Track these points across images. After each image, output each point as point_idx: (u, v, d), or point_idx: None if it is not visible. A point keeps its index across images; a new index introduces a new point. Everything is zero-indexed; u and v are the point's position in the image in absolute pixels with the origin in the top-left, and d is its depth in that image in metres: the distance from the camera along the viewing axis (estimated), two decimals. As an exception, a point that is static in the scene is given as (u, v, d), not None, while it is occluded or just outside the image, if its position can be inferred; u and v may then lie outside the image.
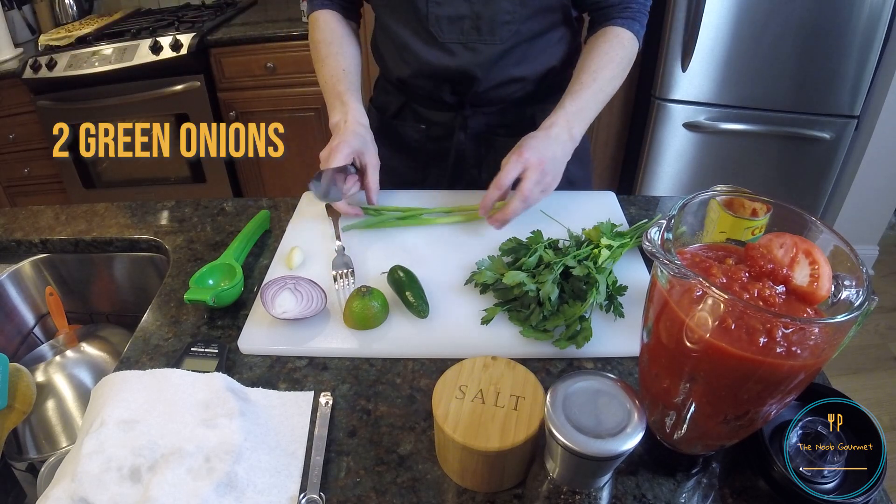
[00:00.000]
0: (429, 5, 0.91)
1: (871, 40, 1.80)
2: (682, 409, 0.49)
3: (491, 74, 0.96)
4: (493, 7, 0.90)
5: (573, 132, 0.89)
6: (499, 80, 0.97)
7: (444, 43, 0.94)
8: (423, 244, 0.89)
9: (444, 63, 0.95)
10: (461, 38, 0.93)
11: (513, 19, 0.91)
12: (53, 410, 0.84)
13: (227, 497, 0.54)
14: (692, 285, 0.43)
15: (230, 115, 2.24)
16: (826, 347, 0.42)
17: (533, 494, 0.52)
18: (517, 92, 1.01)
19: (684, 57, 1.93)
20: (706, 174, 2.16)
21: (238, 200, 1.06)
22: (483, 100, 1.01)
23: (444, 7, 0.91)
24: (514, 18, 0.91)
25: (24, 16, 2.45)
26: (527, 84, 1.00)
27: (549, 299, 0.71)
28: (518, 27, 0.92)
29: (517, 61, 0.96)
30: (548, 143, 0.86)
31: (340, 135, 0.91)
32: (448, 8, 0.91)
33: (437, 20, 0.92)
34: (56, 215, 1.04)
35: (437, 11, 0.91)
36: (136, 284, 1.02)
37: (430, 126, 1.07)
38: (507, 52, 0.94)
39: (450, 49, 0.94)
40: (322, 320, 0.76)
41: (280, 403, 0.66)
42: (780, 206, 0.52)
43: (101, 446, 0.56)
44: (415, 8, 0.92)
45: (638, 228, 0.85)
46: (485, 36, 0.92)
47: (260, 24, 2.22)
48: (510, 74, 0.97)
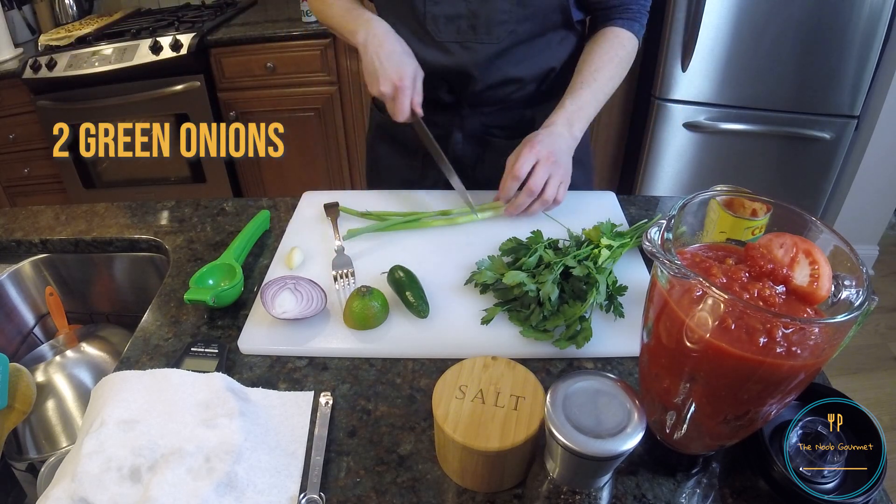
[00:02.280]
0: (426, 4, 0.91)
1: (871, 40, 1.80)
2: (682, 409, 0.49)
3: (488, 74, 0.96)
4: (490, 6, 0.90)
5: (573, 130, 0.91)
6: (496, 79, 0.97)
7: (440, 42, 0.94)
8: (423, 244, 0.89)
9: (441, 62, 0.95)
10: (458, 36, 0.93)
11: (509, 19, 0.91)
12: (53, 410, 0.84)
13: (227, 497, 0.54)
14: (692, 285, 0.43)
15: (230, 115, 2.24)
16: (826, 347, 0.42)
17: (533, 494, 0.52)
18: (515, 93, 1.01)
19: (684, 57, 1.93)
20: (706, 174, 2.16)
21: (238, 200, 1.06)
22: (480, 100, 1.01)
23: (441, 6, 0.91)
24: (510, 18, 0.91)
25: (24, 16, 2.45)
26: (525, 85, 1.00)
27: (549, 299, 0.71)
28: (515, 27, 0.92)
29: (515, 62, 0.96)
30: (553, 139, 0.88)
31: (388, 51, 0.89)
32: (445, 7, 0.91)
33: (434, 19, 0.92)
34: (56, 215, 1.04)
35: (434, 10, 0.92)
36: (136, 284, 1.02)
37: (427, 126, 1.07)
38: (504, 52, 0.94)
39: (446, 48, 0.94)
40: (322, 320, 0.76)
41: (280, 403, 0.66)
42: (780, 206, 0.52)
43: (101, 446, 0.56)
44: (412, 6, 0.92)
45: (638, 228, 0.85)
46: (481, 35, 0.92)
47: (260, 24, 2.22)
48: (507, 74, 0.97)
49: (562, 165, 0.88)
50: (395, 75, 0.89)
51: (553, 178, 0.87)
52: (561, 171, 0.88)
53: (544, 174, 0.86)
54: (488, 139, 1.06)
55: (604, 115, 2.28)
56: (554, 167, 0.87)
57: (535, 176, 0.86)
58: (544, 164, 0.86)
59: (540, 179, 0.86)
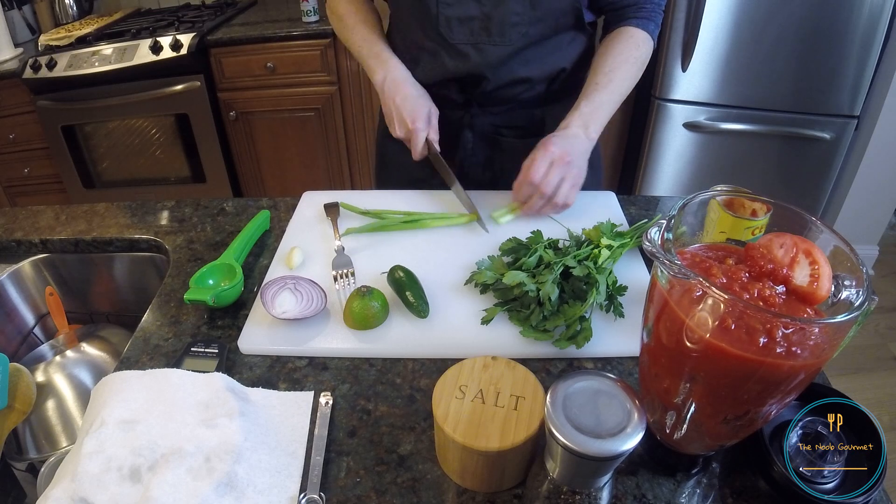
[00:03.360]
0: (439, 6, 0.92)
1: (871, 40, 1.80)
2: (682, 409, 0.49)
3: (499, 74, 0.97)
4: (503, 8, 0.90)
5: (589, 132, 0.91)
6: (506, 79, 0.98)
7: (453, 44, 0.94)
8: (423, 244, 0.89)
9: (454, 63, 0.96)
10: (470, 38, 0.94)
11: (522, 21, 0.91)
12: (53, 410, 0.84)
13: (227, 497, 0.54)
14: (692, 285, 0.43)
15: (230, 115, 2.24)
16: (826, 347, 0.42)
17: (533, 494, 0.52)
18: (525, 92, 1.01)
19: (684, 57, 1.93)
20: (706, 174, 2.16)
21: (238, 200, 1.06)
22: (490, 99, 1.01)
23: (454, 8, 0.91)
24: (523, 20, 0.91)
25: (24, 16, 2.45)
26: (535, 85, 1.00)
27: (549, 299, 0.71)
28: (527, 29, 0.92)
29: (526, 62, 0.96)
30: (567, 141, 0.88)
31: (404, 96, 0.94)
32: (458, 9, 0.91)
33: (448, 21, 0.92)
34: (56, 215, 1.04)
35: (447, 13, 0.92)
36: (136, 284, 1.02)
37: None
38: (515, 53, 0.94)
39: (459, 50, 0.95)
40: (322, 320, 0.76)
41: (280, 403, 0.66)
42: (780, 206, 0.52)
43: (101, 446, 0.56)
44: (425, 9, 0.93)
45: (638, 228, 0.85)
46: (494, 37, 0.93)
47: (260, 24, 2.22)
48: (518, 74, 0.97)
49: (575, 166, 0.88)
50: (409, 119, 0.93)
51: (566, 181, 0.87)
52: (574, 171, 0.88)
53: (557, 176, 0.86)
54: (498, 139, 1.06)
55: (604, 115, 2.29)
56: (567, 168, 0.86)
57: (548, 178, 0.86)
58: (558, 166, 0.86)
59: (553, 181, 0.86)
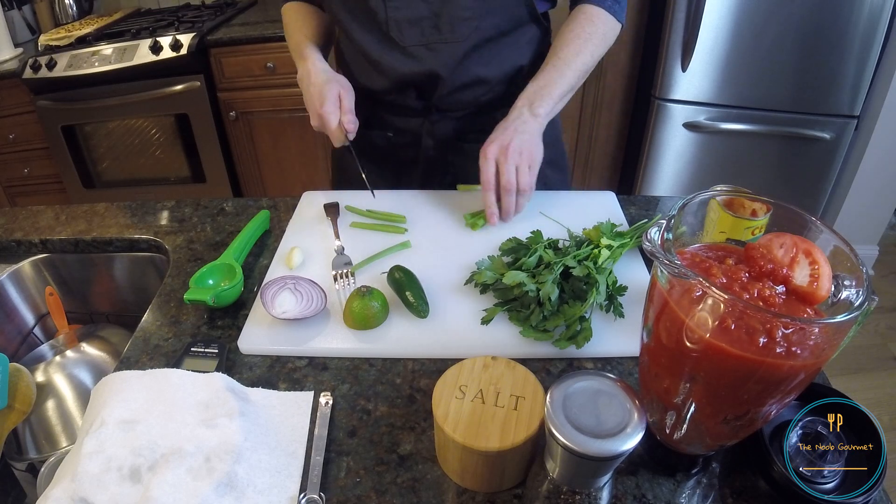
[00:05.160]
0: (387, 10, 0.90)
1: (871, 40, 1.80)
2: (682, 409, 0.49)
3: (455, 75, 0.95)
4: (452, 4, 0.89)
5: (535, 108, 0.89)
6: (464, 80, 0.96)
7: (405, 47, 0.93)
8: (423, 244, 0.89)
9: (408, 67, 0.94)
10: (422, 39, 0.92)
11: (473, 15, 0.90)
12: (53, 410, 0.84)
13: (227, 497, 0.54)
14: (692, 285, 0.43)
15: (230, 115, 2.24)
16: (826, 347, 0.42)
17: (533, 494, 0.52)
18: (484, 95, 1.00)
19: (684, 57, 1.93)
20: (706, 174, 2.16)
21: (238, 200, 1.06)
22: (449, 103, 1.00)
23: (402, 10, 0.90)
24: (473, 14, 0.90)
25: (24, 16, 2.45)
26: (493, 86, 0.99)
27: (549, 299, 0.71)
28: (479, 23, 0.91)
29: (482, 62, 0.95)
30: (506, 132, 0.87)
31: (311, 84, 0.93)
32: (406, 11, 0.90)
33: (397, 24, 0.91)
34: (56, 215, 1.04)
35: (395, 15, 0.90)
36: (136, 284, 1.02)
37: (397, 133, 1.06)
38: (470, 52, 0.93)
39: (412, 53, 0.93)
40: (322, 320, 0.76)
41: (280, 403, 0.66)
42: (780, 206, 0.52)
43: (101, 446, 0.56)
44: (373, 13, 0.91)
45: (638, 228, 0.85)
46: (445, 34, 0.91)
47: (260, 24, 2.22)
48: (475, 75, 0.96)
49: (522, 151, 0.86)
50: (317, 103, 0.90)
51: (521, 168, 0.86)
52: (525, 156, 0.86)
53: (511, 169, 0.85)
54: (459, 144, 1.05)
55: (604, 114, 2.29)
56: (515, 157, 0.85)
57: (504, 175, 0.85)
58: (506, 161, 0.85)
59: (510, 176, 0.85)
